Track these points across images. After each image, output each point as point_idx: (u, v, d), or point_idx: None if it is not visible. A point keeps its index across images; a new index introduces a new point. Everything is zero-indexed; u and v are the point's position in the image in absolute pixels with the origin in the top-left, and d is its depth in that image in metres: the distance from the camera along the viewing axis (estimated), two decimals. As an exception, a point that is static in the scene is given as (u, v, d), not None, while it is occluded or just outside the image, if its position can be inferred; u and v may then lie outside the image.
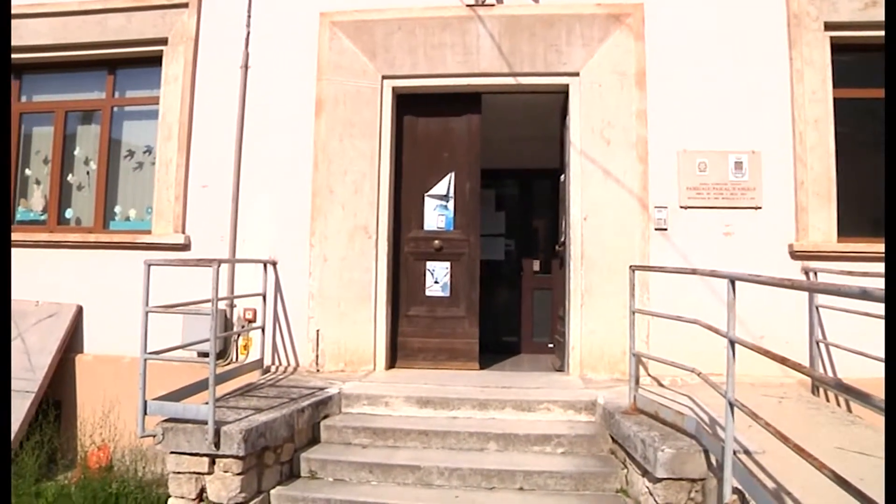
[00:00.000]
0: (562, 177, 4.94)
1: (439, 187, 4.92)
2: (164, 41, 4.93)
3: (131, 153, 5.22)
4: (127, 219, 5.16)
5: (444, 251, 4.89)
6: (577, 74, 4.54)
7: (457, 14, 4.64)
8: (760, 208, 4.32)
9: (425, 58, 4.67)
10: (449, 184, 4.92)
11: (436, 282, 4.91)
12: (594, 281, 4.38)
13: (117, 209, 5.18)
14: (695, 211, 4.37)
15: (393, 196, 4.81)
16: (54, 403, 4.47)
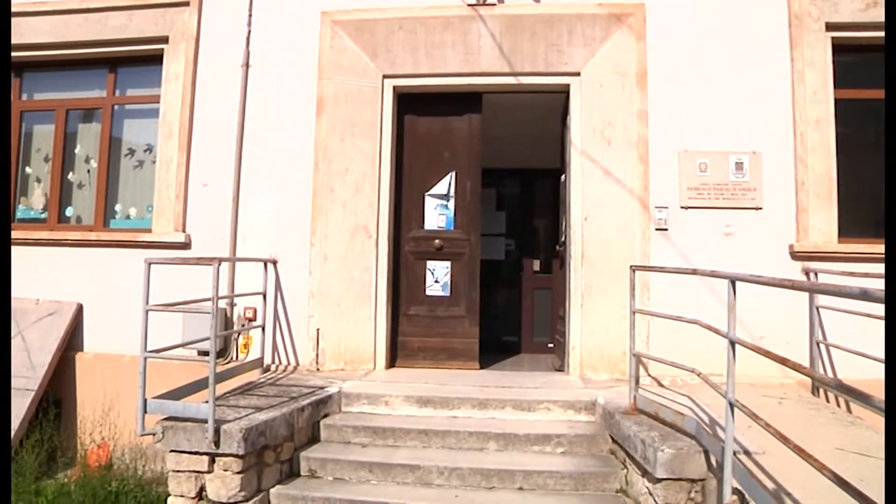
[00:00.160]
0: (562, 177, 4.94)
1: (440, 187, 4.92)
2: (164, 39, 4.93)
3: (132, 151, 5.22)
4: (127, 217, 5.16)
5: (445, 251, 4.89)
6: (578, 74, 4.54)
7: (458, 13, 4.64)
8: (761, 209, 4.32)
9: (426, 57, 4.67)
10: (449, 183, 4.92)
11: (436, 281, 4.91)
12: (594, 281, 4.38)
13: (118, 207, 5.18)
14: (695, 211, 4.37)
15: (393, 195, 4.81)
16: (54, 402, 4.47)
